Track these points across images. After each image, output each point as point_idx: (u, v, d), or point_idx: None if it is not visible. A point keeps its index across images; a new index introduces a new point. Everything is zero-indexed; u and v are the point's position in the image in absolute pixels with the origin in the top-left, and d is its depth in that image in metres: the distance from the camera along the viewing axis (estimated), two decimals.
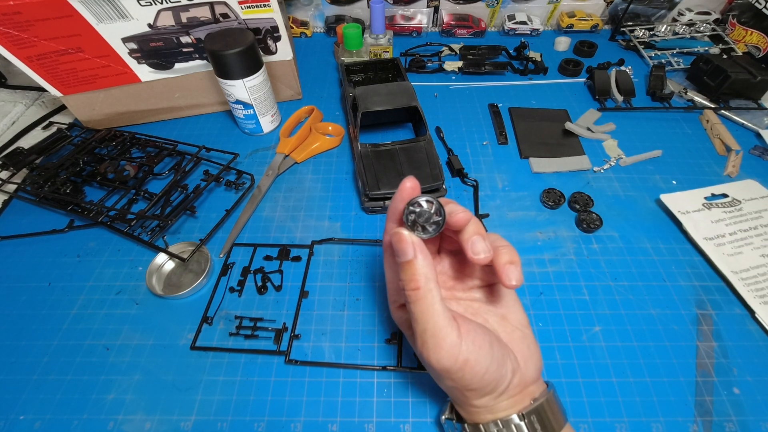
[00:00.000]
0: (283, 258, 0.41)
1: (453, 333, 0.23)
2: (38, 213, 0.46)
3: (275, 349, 0.35)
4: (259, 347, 0.35)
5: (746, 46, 0.63)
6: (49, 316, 0.37)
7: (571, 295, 0.38)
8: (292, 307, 0.37)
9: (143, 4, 0.45)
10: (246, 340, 0.36)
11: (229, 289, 0.39)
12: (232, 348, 0.35)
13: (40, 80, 0.48)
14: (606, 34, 0.72)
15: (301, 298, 0.38)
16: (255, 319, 0.37)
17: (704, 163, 0.50)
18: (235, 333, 0.36)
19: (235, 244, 0.42)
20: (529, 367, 0.26)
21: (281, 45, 0.53)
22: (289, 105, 0.59)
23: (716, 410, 0.31)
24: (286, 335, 0.36)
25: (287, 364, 0.34)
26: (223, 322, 0.37)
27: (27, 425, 0.31)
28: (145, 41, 0.48)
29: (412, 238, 0.24)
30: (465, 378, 0.23)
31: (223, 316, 0.37)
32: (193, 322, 0.37)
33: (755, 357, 0.34)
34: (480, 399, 0.25)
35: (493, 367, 0.23)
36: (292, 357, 0.34)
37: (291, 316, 0.37)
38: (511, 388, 0.25)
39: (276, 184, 0.49)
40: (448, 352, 0.23)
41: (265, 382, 0.33)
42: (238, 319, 0.37)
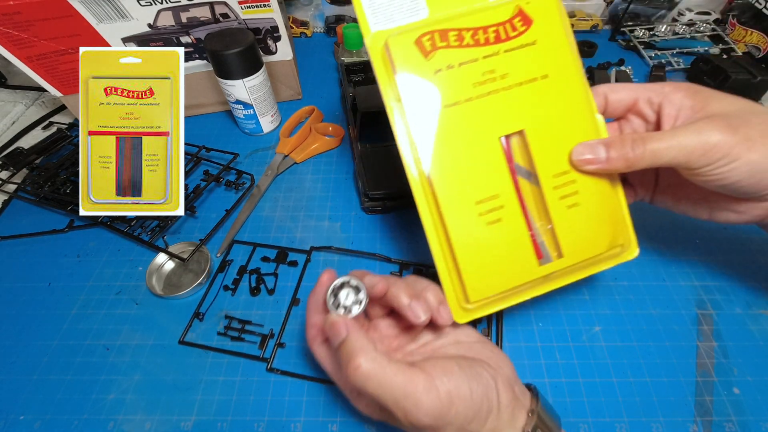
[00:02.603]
0: (280, 261, 0.41)
1: (420, 379, 0.22)
2: (38, 213, 0.46)
3: (259, 355, 0.34)
4: (243, 351, 0.35)
5: (746, 46, 0.63)
6: (49, 316, 0.37)
7: (571, 295, 0.38)
8: (282, 313, 0.37)
9: (143, 4, 0.45)
10: (232, 342, 0.35)
11: (223, 287, 0.39)
12: (218, 348, 0.35)
13: (40, 80, 0.48)
14: (606, 34, 0.72)
15: (292, 305, 0.37)
16: (243, 322, 0.36)
17: None
18: (223, 333, 0.36)
19: (235, 241, 0.43)
20: (503, 366, 0.26)
21: (281, 45, 0.53)
22: (289, 105, 0.59)
23: (716, 410, 0.31)
24: (272, 342, 0.35)
25: (268, 371, 0.33)
26: (213, 319, 0.37)
27: (27, 425, 0.31)
28: (145, 41, 0.48)
29: (342, 319, 0.24)
30: (460, 413, 0.22)
31: (215, 313, 0.37)
32: None
33: (755, 357, 0.34)
34: (485, 427, 0.23)
35: (473, 383, 0.23)
36: (274, 365, 0.34)
37: (279, 323, 0.36)
38: (501, 394, 0.24)
39: (275, 184, 0.49)
40: (428, 398, 0.21)
41: (265, 381, 0.33)
42: (228, 319, 0.37)
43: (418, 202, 0.28)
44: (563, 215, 0.28)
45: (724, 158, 0.23)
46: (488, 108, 0.27)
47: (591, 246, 0.29)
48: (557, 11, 0.28)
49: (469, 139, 0.27)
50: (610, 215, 0.29)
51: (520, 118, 0.28)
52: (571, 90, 0.28)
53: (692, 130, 0.23)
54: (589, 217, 0.28)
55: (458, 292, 0.28)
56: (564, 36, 0.28)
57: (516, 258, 0.28)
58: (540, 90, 0.28)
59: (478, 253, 0.28)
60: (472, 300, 0.28)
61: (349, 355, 0.22)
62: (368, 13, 0.27)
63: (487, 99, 0.27)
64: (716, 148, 0.22)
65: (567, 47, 0.28)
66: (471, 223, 0.27)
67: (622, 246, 0.30)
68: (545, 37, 0.28)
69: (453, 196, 0.27)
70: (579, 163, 0.27)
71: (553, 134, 0.28)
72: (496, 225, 0.28)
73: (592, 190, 0.28)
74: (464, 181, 0.27)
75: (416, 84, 0.27)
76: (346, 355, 0.22)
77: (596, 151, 0.26)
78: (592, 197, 0.28)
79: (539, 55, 0.28)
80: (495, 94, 0.27)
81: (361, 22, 0.27)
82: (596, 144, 0.27)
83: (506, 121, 0.28)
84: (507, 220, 0.28)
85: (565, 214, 0.28)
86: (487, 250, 0.28)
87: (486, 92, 0.27)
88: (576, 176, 0.28)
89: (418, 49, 0.27)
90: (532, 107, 0.28)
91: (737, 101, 0.25)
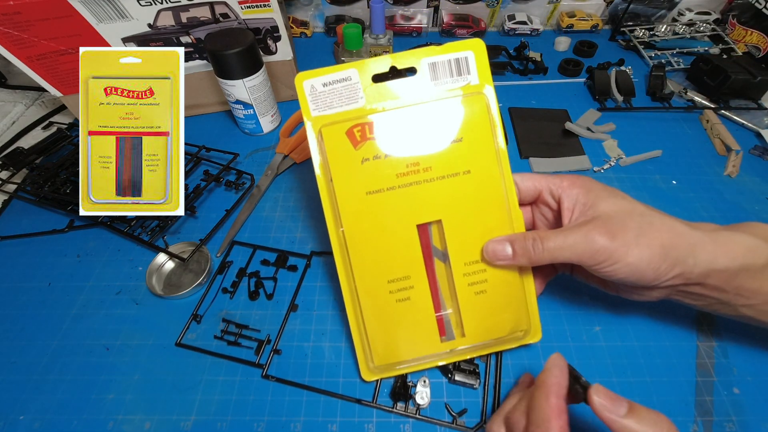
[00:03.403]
0: (280, 265, 0.40)
1: None
2: (38, 213, 0.46)
3: (254, 361, 0.34)
4: (239, 356, 0.34)
5: (746, 46, 0.63)
6: (49, 316, 0.37)
7: (571, 295, 0.38)
8: (280, 319, 0.37)
9: (143, 4, 0.45)
10: (229, 346, 0.35)
11: (222, 290, 0.39)
12: (214, 352, 0.35)
13: (40, 80, 0.48)
14: (606, 34, 0.72)
15: (290, 311, 0.37)
16: (241, 326, 0.36)
17: (704, 163, 0.50)
18: (220, 337, 0.36)
19: (235, 242, 0.43)
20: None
21: (281, 45, 0.53)
22: (289, 105, 0.59)
23: (716, 410, 0.31)
24: (268, 348, 0.35)
25: (263, 378, 0.33)
26: (211, 321, 0.37)
27: (27, 425, 0.31)
28: (145, 41, 0.48)
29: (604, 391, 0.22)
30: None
31: (213, 315, 0.37)
32: None
33: (755, 357, 0.34)
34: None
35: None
36: (269, 372, 0.33)
37: (276, 329, 0.36)
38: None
39: (276, 184, 0.49)
40: None
41: (264, 382, 0.33)
42: (226, 323, 0.36)
43: (339, 272, 0.31)
44: (469, 300, 0.30)
45: (608, 260, 0.25)
46: (408, 197, 0.29)
47: (493, 329, 0.31)
48: (486, 110, 0.29)
49: (386, 225, 0.29)
50: (515, 304, 0.31)
51: (439, 209, 0.29)
52: (491, 185, 0.30)
53: (581, 233, 0.26)
54: (494, 305, 0.31)
55: (367, 352, 0.32)
56: (490, 133, 0.29)
57: (420, 333, 0.31)
58: (461, 184, 0.29)
59: (384, 324, 0.31)
60: (377, 363, 0.31)
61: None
62: (309, 99, 0.29)
63: (408, 189, 0.29)
64: (600, 252, 0.25)
65: (491, 145, 0.29)
66: (382, 299, 0.30)
67: (524, 331, 0.32)
68: (472, 133, 0.29)
69: (367, 272, 0.30)
70: (490, 259, 0.29)
71: (468, 225, 0.30)
72: (404, 303, 0.30)
73: (500, 280, 0.30)
74: (379, 261, 0.30)
75: (344, 170, 0.29)
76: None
77: (504, 247, 0.29)
78: (499, 287, 0.30)
79: (464, 152, 0.29)
80: (416, 185, 0.29)
81: (303, 107, 0.29)
82: (503, 240, 0.29)
83: (424, 211, 0.29)
84: (415, 299, 0.30)
85: (471, 300, 0.30)
86: (393, 323, 0.31)
87: (408, 183, 0.29)
88: (486, 267, 0.30)
89: (348, 140, 0.29)
90: (451, 200, 0.29)
91: (620, 201, 0.27)
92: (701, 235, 0.26)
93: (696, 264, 0.25)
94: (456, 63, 0.29)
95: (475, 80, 0.29)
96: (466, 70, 0.29)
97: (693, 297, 0.28)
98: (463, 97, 0.29)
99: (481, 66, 0.29)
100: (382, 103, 0.29)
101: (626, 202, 0.27)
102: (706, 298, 0.27)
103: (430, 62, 0.29)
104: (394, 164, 0.29)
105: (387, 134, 0.29)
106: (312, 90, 0.29)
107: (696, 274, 0.25)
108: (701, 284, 0.26)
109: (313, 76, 0.29)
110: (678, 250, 0.25)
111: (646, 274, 0.25)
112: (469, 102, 0.29)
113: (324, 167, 0.29)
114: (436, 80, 0.29)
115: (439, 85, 0.29)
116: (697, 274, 0.25)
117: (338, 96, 0.29)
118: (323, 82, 0.29)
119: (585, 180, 0.29)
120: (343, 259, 0.30)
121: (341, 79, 0.29)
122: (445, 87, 0.29)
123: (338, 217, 0.30)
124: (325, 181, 0.30)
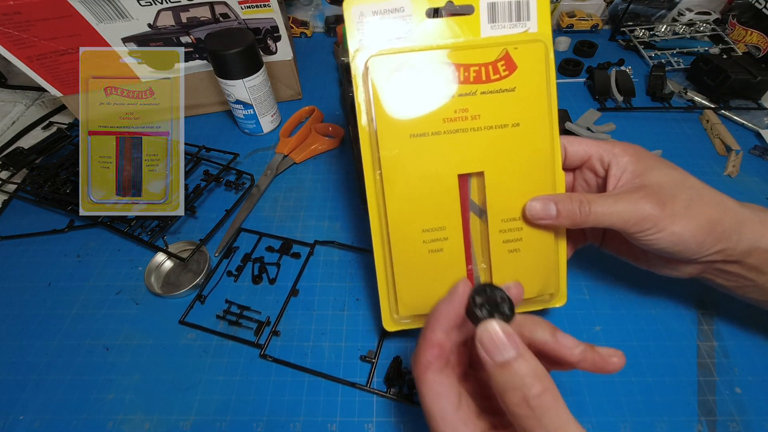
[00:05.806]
0: (284, 252, 0.41)
1: None
2: (38, 213, 0.46)
3: (254, 341, 0.35)
4: (239, 335, 0.35)
5: (746, 46, 0.63)
6: (49, 316, 0.37)
7: (571, 295, 0.38)
8: (281, 303, 0.38)
9: (143, 4, 0.45)
10: (230, 326, 0.36)
11: (227, 273, 0.40)
12: (215, 330, 0.36)
13: (40, 80, 0.48)
14: (606, 34, 0.72)
15: (291, 295, 0.38)
16: (243, 307, 0.37)
17: (704, 163, 0.50)
18: (222, 317, 0.36)
19: (242, 229, 0.43)
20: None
21: (281, 45, 0.53)
22: (289, 105, 0.59)
23: (719, 410, 0.31)
24: (268, 329, 0.36)
25: (261, 358, 0.34)
26: (215, 303, 0.38)
27: (27, 425, 0.31)
28: (145, 41, 0.48)
29: (503, 327, 0.19)
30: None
31: (217, 298, 0.38)
32: None
33: (756, 356, 0.34)
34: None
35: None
36: (267, 352, 0.34)
37: (277, 311, 0.37)
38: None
39: (275, 183, 0.49)
40: None
41: (264, 381, 0.33)
42: (228, 304, 0.37)
43: (371, 213, 0.29)
44: (502, 258, 0.29)
45: (652, 228, 0.25)
46: (453, 145, 0.28)
47: None
48: (543, 61, 0.28)
49: (427, 171, 0.28)
50: (546, 266, 0.30)
51: (483, 161, 0.28)
52: (539, 142, 0.28)
53: (630, 200, 0.26)
54: (526, 264, 0.30)
55: (392, 303, 0.31)
56: (545, 87, 0.28)
57: (449, 286, 0.30)
58: (508, 137, 0.28)
59: (414, 275, 0.29)
60: (402, 314, 0.31)
61: (522, 379, 0.18)
62: (356, 28, 0.27)
63: (454, 136, 0.28)
64: (646, 219, 0.25)
65: (545, 99, 0.28)
66: (414, 248, 0.29)
67: (551, 294, 0.31)
68: (525, 85, 0.28)
69: (402, 219, 0.29)
70: (532, 217, 0.28)
71: (510, 181, 0.28)
72: (436, 254, 0.29)
73: (535, 241, 0.29)
74: (415, 209, 0.28)
75: (389, 109, 0.27)
76: (518, 378, 0.18)
77: (548, 207, 0.28)
78: (533, 247, 0.29)
79: (515, 103, 0.28)
80: (463, 133, 0.28)
81: (350, 33, 0.28)
82: (548, 200, 0.28)
83: (468, 161, 0.28)
84: (448, 251, 0.29)
85: (504, 258, 0.29)
86: (423, 274, 0.29)
87: (454, 129, 0.28)
88: (523, 225, 0.29)
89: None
90: (496, 152, 0.28)
91: (671, 172, 0.27)
92: (750, 213, 0.26)
93: (740, 241, 0.25)
94: (517, 6, 0.27)
95: (534, 28, 0.28)
96: (526, 16, 0.28)
97: (727, 276, 0.28)
98: (521, 44, 0.27)
99: (542, 14, 0.28)
100: (434, 40, 0.28)
101: (678, 173, 0.27)
102: (741, 278, 0.27)
103: (490, 1, 0.27)
104: (442, 107, 0.27)
105: None
106: (360, 18, 0.27)
107: (738, 252, 0.25)
108: (740, 263, 0.26)
109: (363, 2, 0.27)
110: (724, 226, 0.25)
111: (690, 245, 0.25)
112: (525, 50, 0.27)
113: (367, 103, 0.27)
114: (494, 23, 0.27)
115: (495, 29, 0.28)
116: (739, 252, 0.25)
117: (387, 28, 0.27)
118: (373, 10, 0.27)
119: (637, 148, 0.29)
120: (378, 205, 0.29)
121: (393, 8, 0.27)
122: (502, 31, 0.28)
123: (377, 160, 0.28)
124: (367, 119, 0.28)
